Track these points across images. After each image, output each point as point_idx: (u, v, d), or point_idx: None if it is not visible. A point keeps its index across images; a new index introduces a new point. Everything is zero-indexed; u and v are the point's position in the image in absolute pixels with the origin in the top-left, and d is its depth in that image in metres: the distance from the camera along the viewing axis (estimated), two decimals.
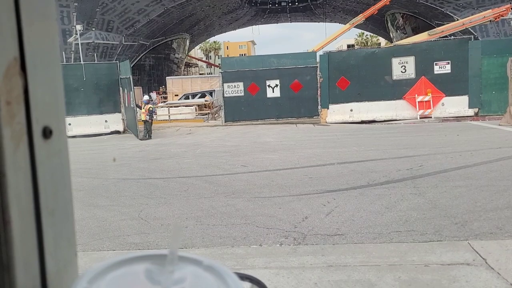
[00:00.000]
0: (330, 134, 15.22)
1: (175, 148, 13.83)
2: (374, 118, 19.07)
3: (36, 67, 0.58)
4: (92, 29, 38.15)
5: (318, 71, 19.45)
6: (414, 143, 12.27)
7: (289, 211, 6.76)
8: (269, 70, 19.81)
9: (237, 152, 12.26)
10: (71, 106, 18.04)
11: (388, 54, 18.93)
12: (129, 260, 0.58)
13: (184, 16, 46.11)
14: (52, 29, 0.60)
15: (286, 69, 19.73)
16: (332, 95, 19.34)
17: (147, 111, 16.67)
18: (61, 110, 0.62)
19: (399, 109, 18.89)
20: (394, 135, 14.25)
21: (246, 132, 17.23)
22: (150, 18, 40.71)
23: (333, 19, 61.05)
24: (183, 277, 0.56)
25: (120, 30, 40.28)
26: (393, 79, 18.89)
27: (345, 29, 36.52)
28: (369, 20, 40.88)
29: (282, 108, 19.96)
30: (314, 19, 63.73)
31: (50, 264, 0.60)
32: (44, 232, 0.59)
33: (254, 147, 12.97)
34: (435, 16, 38.35)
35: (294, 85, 19.83)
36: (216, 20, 55.07)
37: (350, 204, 6.90)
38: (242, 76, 19.88)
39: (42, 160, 0.59)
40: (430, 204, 6.67)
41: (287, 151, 12.01)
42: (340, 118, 19.41)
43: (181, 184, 8.84)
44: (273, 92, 19.94)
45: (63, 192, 0.63)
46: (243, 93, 20.00)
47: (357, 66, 19.03)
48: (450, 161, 9.47)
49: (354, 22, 36.02)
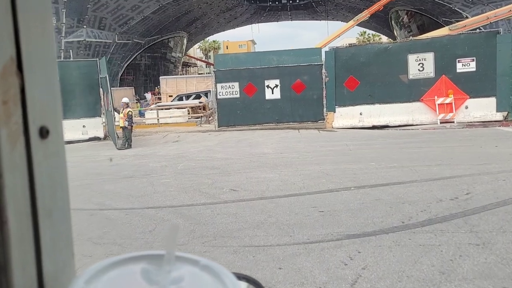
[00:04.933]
0: (339, 143, 12.94)
1: (154, 161, 11.56)
2: (387, 122, 16.80)
3: (32, 67, 0.58)
4: (84, 27, 36.57)
5: (323, 70, 17.17)
6: (445, 156, 9.97)
7: (294, 274, 4.52)
8: (268, 69, 17.52)
9: (228, 168, 9.99)
10: None
11: (403, 50, 16.64)
12: (126, 260, 0.58)
13: (181, 14, 44.43)
14: (48, 29, 0.60)
15: (288, 68, 17.44)
16: (340, 97, 17.06)
17: (126, 116, 14.33)
18: (58, 110, 0.62)
19: (416, 113, 16.60)
20: (416, 145, 11.96)
21: (241, 139, 14.95)
22: (144, 15, 38.99)
23: (335, 17, 59.82)
24: (180, 276, 0.55)
25: (113, 27, 38.76)
26: (409, 78, 16.61)
27: (349, 26, 35.27)
28: (372, 18, 39.71)
29: (283, 111, 17.68)
30: (315, 17, 62.68)
31: (47, 265, 0.60)
32: (41, 233, 0.59)
33: (249, 162, 10.69)
34: (442, 13, 36.62)
35: (296, 86, 17.55)
36: (214, 18, 53.58)
37: (383, 263, 4.63)
38: (238, 75, 17.60)
39: (39, 160, 0.59)
40: (505, 264, 4.40)
41: (289, 167, 9.73)
42: (349, 122, 17.14)
43: (147, 219, 6.57)
44: (273, 94, 17.64)
45: (60, 193, 0.63)
46: (239, 94, 17.71)
47: (368, 63, 16.75)
48: (504, 186, 7.19)
49: (358, 19, 34.92)
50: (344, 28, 35.22)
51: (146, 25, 41.97)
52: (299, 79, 17.46)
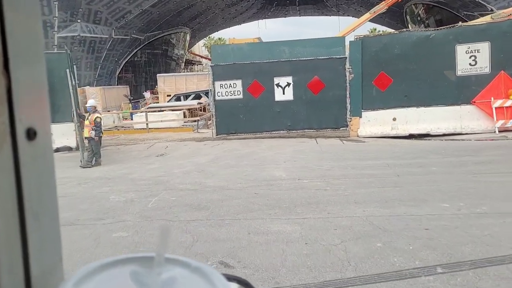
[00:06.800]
0: (377, 163, 9.49)
1: (120, 190, 8.16)
2: (428, 131, 13.34)
3: (19, 66, 0.56)
4: (77, 21, 33.69)
5: (347, 64, 13.74)
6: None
7: None
8: (278, 63, 14.09)
9: (220, 209, 6.58)
10: None
11: (450, 39, 13.15)
12: (116, 262, 0.57)
13: (183, 7, 41.33)
14: (36, 27, 0.59)
15: (302, 62, 14.00)
16: (367, 98, 13.64)
17: (93, 123, 10.90)
18: (46, 110, 0.61)
19: (466, 118, 13.12)
20: (488, 167, 8.49)
21: (244, 154, 11.55)
22: (143, 8, 35.91)
23: (346, 12, 56.87)
24: (171, 279, 0.55)
25: (110, 22, 35.85)
26: (457, 75, 13.13)
27: (366, 18, 33.01)
28: (386, 13, 36.90)
29: (296, 116, 14.25)
30: (325, 12, 59.93)
31: (35, 268, 0.59)
32: (28, 235, 0.58)
33: (253, 196, 7.27)
34: (464, 6, 33.31)
35: (313, 84, 14.11)
36: (219, 13, 50.58)
37: None
38: (241, 71, 14.19)
39: (26, 162, 0.57)
40: None
41: (315, 209, 6.30)
42: (378, 130, 13.71)
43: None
44: (284, 94, 14.20)
45: (48, 195, 0.62)
46: (242, 94, 14.31)
47: (404, 56, 13.31)
48: None
49: (375, 11, 32.53)
50: (361, 20, 32.67)
51: (145, 20, 39.09)
52: (316, 76, 14.02)
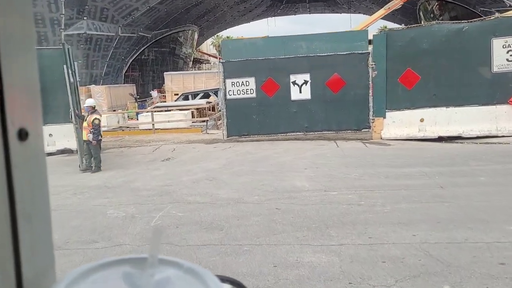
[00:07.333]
0: (411, 170, 8.33)
1: (120, 203, 7.11)
2: (460, 133, 12.15)
3: (11, 66, 0.56)
4: (84, 18, 32.99)
5: (370, 60, 12.58)
6: None
7: None
8: (294, 59, 12.95)
9: (237, 229, 5.49)
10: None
11: (485, 33, 11.93)
12: (108, 264, 0.57)
13: (190, 5, 40.40)
14: (28, 28, 0.58)
15: (321, 58, 12.86)
16: (392, 97, 12.47)
17: (91, 125, 9.88)
18: (38, 111, 0.61)
19: (502, 120, 11.91)
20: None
21: (259, 158, 10.45)
22: (150, 5, 35.03)
23: (357, 9, 55.80)
24: (164, 280, 0.55)
25: (116, 19, 35.09)
26: (493, 71, 11.91)
27: (381, 14, 32.29)
28: (398, 10, 35.60)
29: (314, 116, 13.11)
30: (335, 10, 58.98)
31: (27, 270, 0.58)
32: (20, 237, 0.57)
33: (274, 212, 6.17)
34: (481, 2, 32.00)
35: (333, 82, 12.96)
36: (228, 10, 49.63)
37: None
38: (254, 68, 13.08)
39: (18, 163, 0.57)
40: None
41: (352, 230, 5.19)
42: (404, 132, 12.54)
43: None
44: (301, 93, 13.07)
45: (40, 197, 0.61)
46: (255, 93, 13.20)
47: (433, 52, 12.11)
48: None
49: (390, 7, 31.67)
50: (375, 16, 31.84)
51: (152, 17, 38.27)
52: (336, 73, 12.88)
